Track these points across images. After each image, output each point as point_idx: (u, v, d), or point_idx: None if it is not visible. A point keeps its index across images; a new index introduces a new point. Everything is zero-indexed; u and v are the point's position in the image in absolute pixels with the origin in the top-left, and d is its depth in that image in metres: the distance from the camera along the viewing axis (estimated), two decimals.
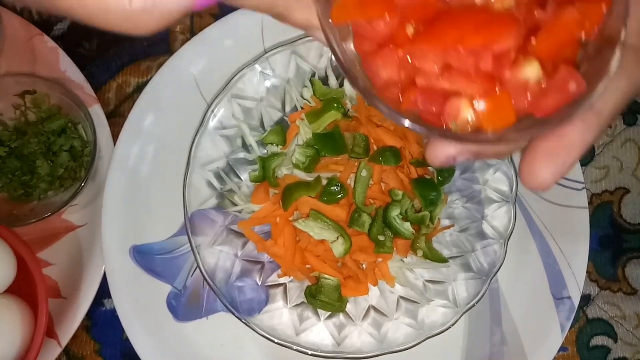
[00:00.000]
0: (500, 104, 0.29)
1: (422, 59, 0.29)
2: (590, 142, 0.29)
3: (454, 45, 0.28)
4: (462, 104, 0.29)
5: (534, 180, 0.29)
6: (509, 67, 0.28)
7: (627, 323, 0.64)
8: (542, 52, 0.28)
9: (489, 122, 0.29)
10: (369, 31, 0.30)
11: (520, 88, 0.28)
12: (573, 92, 0.28)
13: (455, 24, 0.29)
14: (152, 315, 0.59)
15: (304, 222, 0.54)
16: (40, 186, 0.60)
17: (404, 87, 0.31)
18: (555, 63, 0.29)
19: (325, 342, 0.55)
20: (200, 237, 0.55)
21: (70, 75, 0.62)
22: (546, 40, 0.28)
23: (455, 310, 0.54)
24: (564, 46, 0.29)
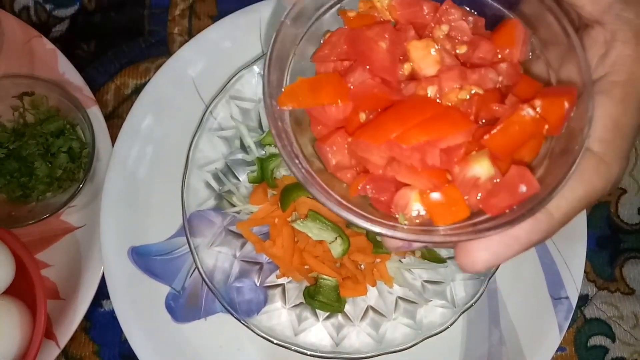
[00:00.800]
0: (451, 200, 0.28)
1: (367, 152, 0.29)
2: (535, 243, 0.29)
3: (396, 142, 0.27)
4: (411, 197, 0.28)
5: (465, 260, 0.29)
6: (459, 162, 0.28)
7: (625, 323, 0.64)
8: (496, 148, 0.27)
9: (439, 217, 0.28)
10: (322, 115, 0.30)
11: (470, 184, 0.27)
12: (524, 194, 0.27)
13: (401, 118, 0.28)
14: (151, 316, 0.59)
15: (302, 223, 0.54)
16: (39, 187, 0.60)
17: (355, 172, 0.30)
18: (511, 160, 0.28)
19: (323, 343, 0.55)
20: (199, 238, 0.55)
21: (69, 77, 0.62)
22: (500, 136, 0.27)
23: (453, 311, 0.54)
24: (520, 143, 0.28)
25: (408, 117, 0.28)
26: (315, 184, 0.28)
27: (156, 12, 0.68)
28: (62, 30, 0.67)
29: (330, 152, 0.30)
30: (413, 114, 0.28)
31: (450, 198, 0.28)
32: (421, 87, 0.29)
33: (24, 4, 0.67)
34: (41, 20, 0.67)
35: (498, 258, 0.29)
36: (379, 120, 0.29)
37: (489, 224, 0.27)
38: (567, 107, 0.27)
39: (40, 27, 0.65)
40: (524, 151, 0.29)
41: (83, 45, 0.67)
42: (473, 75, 0.29)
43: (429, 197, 0.28)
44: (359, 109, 0.29)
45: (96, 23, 0.67)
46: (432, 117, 0.28)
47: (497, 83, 0.29)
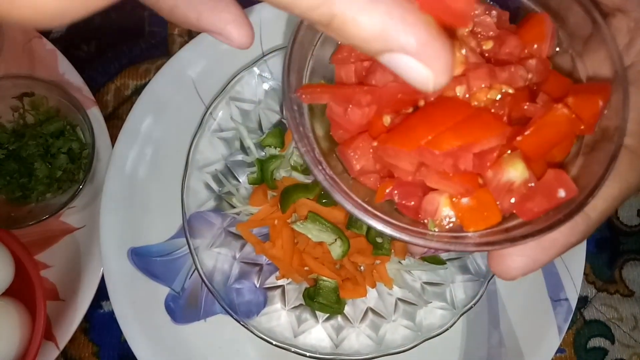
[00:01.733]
0: (483, 205, 0.27)
1: (395, 158, 0.27)
2: (573, 245, 0.28)
3: (428, 148, 0.25)
4: (441, 201, 0.27)
5: (500, 268, 0.28)
6: (492, 167, 0.26)
7: (624, 325, 0.64)
8: (530, 150, 0.26)
9: (470, 223, 0.27)
10: (344, 120, 0.28)
11: (504, 189, 0.26)
12: (561, 198, 0.26)
13: (431, 121, 0.26)
14: (150, 317, 0.59)
15: (302, 224, 0.54)
16: (39, 188, 0.60)
17: (380, 177, 0.28)
18: (544, 162, 0.27)
19: (323, 344, 0.55)
20: (199, 240, 0.55)
21: (69, 77, 0.62)
22: (534, 138, 0.26)
23: (453, 312, 0.54)
24: (554, 144, 0.27)
25: (439, 121, 0.26)
26: (340, 191, 0.27)
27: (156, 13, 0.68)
28: (62, 31, 0.67)
29: (353, 157, 0.28)
30: (444, 117, 0.26)
31: (482, 203, 0.27)
32: (449, 87, 0.27)
33: None
34: None
35: (535, 263, 0.27)
36: (408, 125, 0.27)
37: (524, 230, 0.26)
38: (601, 105, 0.26)
39: None
40: (556, 151, 0.27)
41: (83, 46, 0.67)
42: (503, 74, 0.27)
43: (459, 202, 0.27)
44: (383, 112, 0.28)
45: (96, 24, 0.67)
46: (464, 120, 0.26)
47: (527, 80, 0.27)
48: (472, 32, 0.28)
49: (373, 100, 0.27)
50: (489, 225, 0.27)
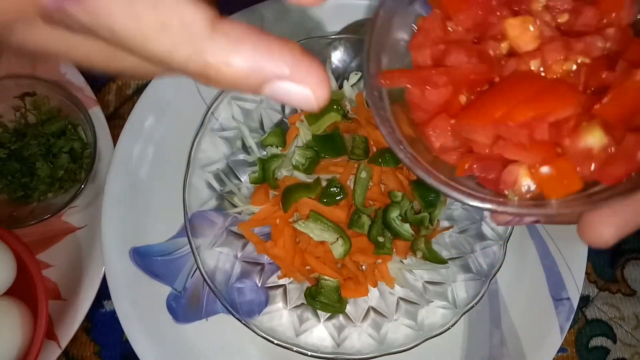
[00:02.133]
0: (562, 172, 0.27)
1: (472, 133, 0.28)
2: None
3: (503, 121, 0.26)
4: (520, 173, 0.27)
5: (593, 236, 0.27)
6: (569, 135, 0.26)
7: (626, 324, 0.64)
8: (609, 117, 0.26)
9: (551, 191, 0.27)
10: (422, 101, 0.30)
11: (582, 156, 0.26)
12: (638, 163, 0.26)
13: (506, 95, 0.27)
14: (152, 316, 0.59)
15: (303, 223, 0.54)
16: (40, 188, 0.60)
17: (460, 153, 0.29)
18: (624, 127, 0.26)
19: (325, 344, 0.55)
20: (200, 239, 0.55)
21: (71, 77, 0.62)
22: (613, 105, 0.26)
23: (454, 312, 0.54)
24: (634, 111, 0.26)
25: (512, 95, 0.27)
26: (421, 167, 0.29)
27: None
28: None
29: (433, 135, 0.30)
30: (517, 91, 0.27)
31: (561, 171, 0.27)
32: (523, 62, 0.28)
33: None
34: None
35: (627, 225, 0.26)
36: (482, 101, 0.28)
37: (608, 193, 0.26)
38: None
39: None
40: (637, 117, 0.27)
41: None
42: (578, 45, 0.27)
43: (538, 172, 0.27)
44: (459, 92, 0.29)
45: None
46: (537, 92, 0.26)
47: (605, 50, 0.27)
48: (546, 6, 0.29)
49: (448, 80, 0.29)
50: (570, 192, 0.27)
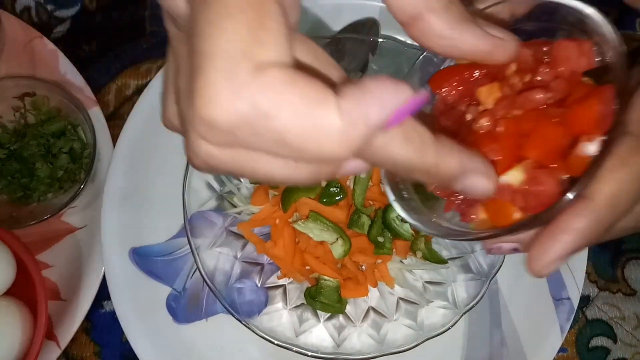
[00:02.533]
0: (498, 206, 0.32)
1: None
2: (584, 230, 0.28)
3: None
4: (478, 210, 0.32)
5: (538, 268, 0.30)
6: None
7: (627, 324, 0.64)
8: (530, 157, 0.30)
9: (497, 222, 0.32)
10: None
11: (506, 191, 0.30)
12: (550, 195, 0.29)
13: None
14: (152, 317, 0.59)
15: (303, 223, 0.54)
16: (40, 188, 0.60)
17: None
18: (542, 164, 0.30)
19: (325, 344, 0.55)
20: (200, 239, 0.55)
21: (70, 77, 0.62)
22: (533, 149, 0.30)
23: (454, 312, 0.54)
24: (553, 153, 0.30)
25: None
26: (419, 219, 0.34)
27: (157, 12, 0.68)
28: (64, 30, 0.67)
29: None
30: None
31: (497, 205, 0.31)
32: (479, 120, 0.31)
33: (25, 4, 0.67)
34: (42, 21, 0.67)
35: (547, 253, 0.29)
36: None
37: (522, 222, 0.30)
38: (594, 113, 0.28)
39: (42, 27, 0.65)
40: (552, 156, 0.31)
41: (84, 45, 0.67)
42: (519, 99, 0.30)
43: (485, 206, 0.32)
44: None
45: (97, 24, 0.67)
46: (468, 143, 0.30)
47: (550, 99, 0.30)
48: (517, 69, 0.32)
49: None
50: (509, 222, 0.31)
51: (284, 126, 0.20)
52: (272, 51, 0.20)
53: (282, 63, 0.20)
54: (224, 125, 0.20)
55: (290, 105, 0.20)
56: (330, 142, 0.21)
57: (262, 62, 0.20)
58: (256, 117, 0.20)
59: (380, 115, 0.21)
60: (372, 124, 0.21)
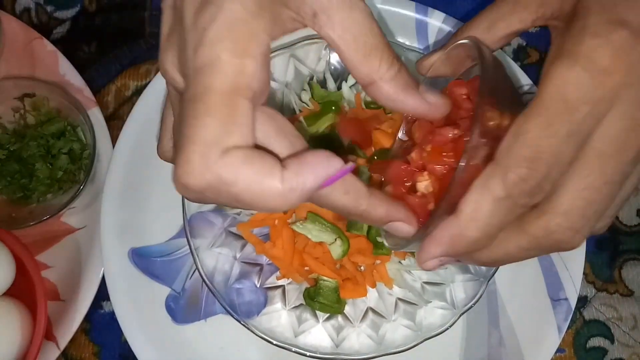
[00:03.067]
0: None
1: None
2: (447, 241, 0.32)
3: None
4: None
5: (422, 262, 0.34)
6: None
7: (624, 324, 0.64)
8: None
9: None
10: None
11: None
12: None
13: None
14: (151, 317, 0.59)
15: (301, 225, 0.54)
16: (39, 189, 0.60)
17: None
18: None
19: (323, 344, 0.55)
20: (199, 240, 0.55)
21: (70, 78, 0.63)
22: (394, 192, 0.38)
23: (453, 312, 0.55)
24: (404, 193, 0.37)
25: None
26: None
27: (157, 14, 0.68)
28: (63, 31, 0.67)
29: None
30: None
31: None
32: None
33: (25, 5, 0.67)
34: (42, 22, 0.67)
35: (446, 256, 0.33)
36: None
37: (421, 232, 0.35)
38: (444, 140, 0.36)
39: (41, 28, 0.65)
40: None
41: (84, 46, 0.67)
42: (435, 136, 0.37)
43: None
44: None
45: (97, 25, 0.68)
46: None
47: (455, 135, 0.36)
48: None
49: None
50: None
51: (239, 191, 0.28)
52: (237, 138, 0.27)
53: (243, 146, 0.28)
54: (195, 188, 0.28)
55: (244, 177, 0.27)
56: (272, 201, 0.28)
57: (228, 147, 0.27)
58: (219, 184, 0.27)
59: (314, 183, 0.29)
60: (307, 189, 0.29)
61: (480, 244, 0.32)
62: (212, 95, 0.27)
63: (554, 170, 0.29)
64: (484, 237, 0.31)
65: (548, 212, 0.30)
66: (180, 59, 0.30)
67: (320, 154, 0.30)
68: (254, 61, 0.28)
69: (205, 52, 0.28)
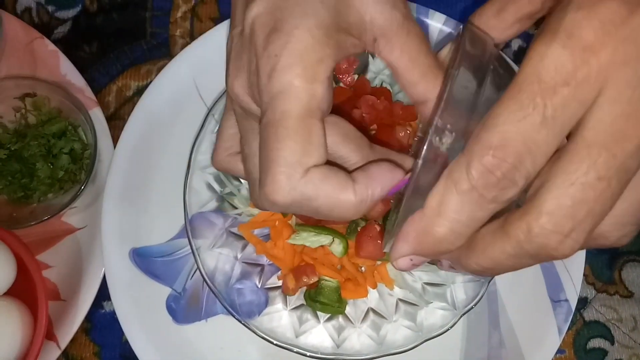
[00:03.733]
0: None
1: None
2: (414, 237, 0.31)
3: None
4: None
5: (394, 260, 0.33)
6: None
7: (624, 326, 0.64)
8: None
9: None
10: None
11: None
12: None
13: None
14: (152, 317, 0.59)
15: (297, 236, 0.54)
16: (40, 189, 0.60)
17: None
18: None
19: (324, 345, 0.55)
20: (200, 240, 0.55)
21: (71, 78, 0.63)
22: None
23: (453, 313, 0.55)
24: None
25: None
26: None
27: (158, 14, 0.68)
28: (64, 31, 0.67)
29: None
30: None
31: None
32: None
33: (26, 5, 0.67)
34: (43, 22, 0.67)
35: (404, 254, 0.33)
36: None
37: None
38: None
39: (42, 28, 0.65)
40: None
41: (85, 46, 0.67)
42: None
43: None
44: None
45: (98, 25, 0.68)
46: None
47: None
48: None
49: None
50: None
51: (319, 205, 0.31)
52: (315, 158, 0.31)
53: (320, 164, 0.31)
54: (282, 204, 0.31)
55: (323, 192, 0.31)
56: (347, 212, 0.32)
57: (309, 166, 0.31)
58: (303, 200, 0.31)
59: (381, 193, 0.32)
60: (375, 199, 0.32)
61: (449, 243, 0.29)
62: (290, 119, 0.30)
63: (528, 161, 0.26)
64: (452, 234, 0.29)
65: (530, 211, 0.27)
66: (250, 82, 0.33)
67: (384, 167, 0.33)
68: (322, 85, 0.31)
69: (279, 78, 0.30)
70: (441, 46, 0.39)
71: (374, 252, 0.51)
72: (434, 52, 0.34)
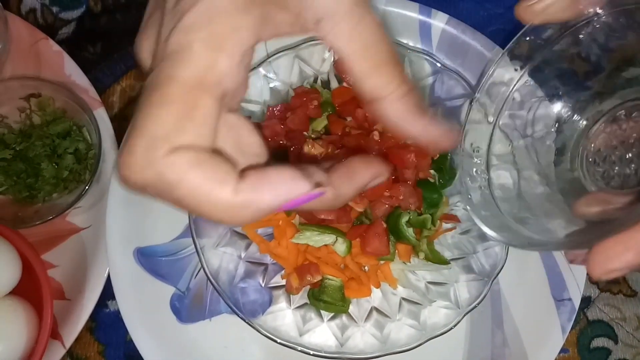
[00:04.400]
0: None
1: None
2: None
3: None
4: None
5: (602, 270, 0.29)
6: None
7: (628, 325, 0.64)
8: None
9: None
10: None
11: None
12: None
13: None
14: (156, 316, 0.60)
15: (300, 235, 0.54)
16: (45, 188, 0.61)
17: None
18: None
19: (328, 343, 0.56)
20: (204, 239, 0.55)
21: (75, 78, 0.63)
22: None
23: (457, 312, 0.55)
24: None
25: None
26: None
27: None
28: (69, 32, 0.68)
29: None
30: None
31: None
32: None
33: (31, 6, 0.68)
34: (48, 23, 0.68)
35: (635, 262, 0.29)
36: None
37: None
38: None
39: (47, 29, 0.65)
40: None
41: (89, 47, 0.68)
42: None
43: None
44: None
45: (102, 25, 0.68)
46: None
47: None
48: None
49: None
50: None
51: (182, 195, 0.26)
52: (191, 137, 0.25)
53: (196, 147, 0.25)
54: (132, 181, 0.27)
55: (189, 181, 0.25)
56: (219, 213, 0.26)
57: (178, 145, 0.25)
58: (161, 184, 0.26)
59: (271, 202, 0.26)
60: (262, 208, 0.26)
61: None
62: (173, 85, 0.25)
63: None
64: None
65: None
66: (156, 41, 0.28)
67: (286, 172, 0.26)
68: (228, 58, 0.26)
69: (178, 38, 0.26)
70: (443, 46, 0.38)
71: (380, 249, 0.51)
72: (392, 46, 0.29)
